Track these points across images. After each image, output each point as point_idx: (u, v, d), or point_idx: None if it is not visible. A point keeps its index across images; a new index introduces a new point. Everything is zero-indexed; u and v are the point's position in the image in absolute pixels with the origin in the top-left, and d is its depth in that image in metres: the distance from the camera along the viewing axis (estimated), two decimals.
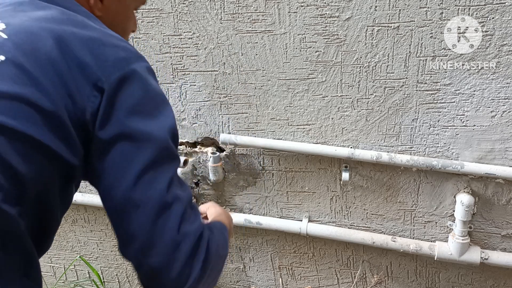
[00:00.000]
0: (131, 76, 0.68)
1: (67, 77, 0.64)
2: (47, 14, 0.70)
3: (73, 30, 0.68)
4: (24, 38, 0.65)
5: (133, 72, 0.68)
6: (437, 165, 1.43)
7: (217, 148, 1.64)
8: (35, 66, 0.64)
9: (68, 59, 0.65)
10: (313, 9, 1.40)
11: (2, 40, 0.65)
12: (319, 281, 1.77)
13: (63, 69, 0.64)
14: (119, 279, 1.98)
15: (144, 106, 0.68)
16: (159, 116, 0.70)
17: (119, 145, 0.65)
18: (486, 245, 1.53)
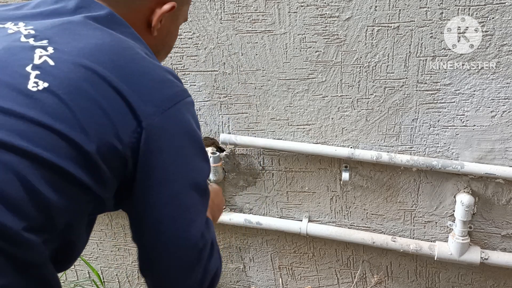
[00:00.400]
0: (174, 117, 0.68)
1: (109, 114, 0.63)
2: (97, 42, 0.67)
3: (122, 64, 0.67)
4: (70, 69, 0.64)
5: (178, 112, 0.69)
6: (437, 165, 1.43)
7: (217, 148, 1.64)
8: (77, 99, 0.62)
9: (112, 95, 0.64)
10: (313, 9, 1.40)
11: (49, 67, 0.63)
12: (319, 281, 1.77)
13: (105, 106, 0.63)
14: (119, 279, 1.98)
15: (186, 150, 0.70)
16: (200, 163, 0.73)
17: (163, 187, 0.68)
18: (486, 245, 1.53)
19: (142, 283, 1.98)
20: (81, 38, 0.67)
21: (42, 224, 0.61)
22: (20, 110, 0.60)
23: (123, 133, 0.64)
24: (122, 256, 1.93)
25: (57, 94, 0.61)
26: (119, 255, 1.93)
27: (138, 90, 0.66)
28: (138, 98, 0.65)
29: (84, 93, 0.63)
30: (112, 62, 0.66)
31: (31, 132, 0.59)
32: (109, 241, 1.90)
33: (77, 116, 0.62)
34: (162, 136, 0.67)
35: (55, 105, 0.61)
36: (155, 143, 0.66)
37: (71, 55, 0.65)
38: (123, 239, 1.89)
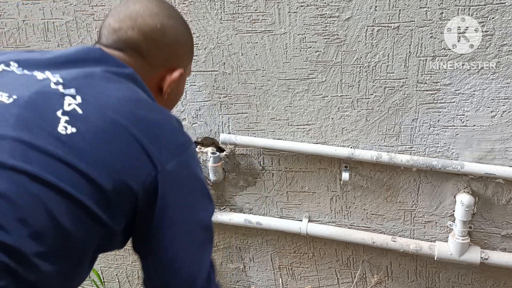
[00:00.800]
0: (184, 163, 0.76)
1: (127, 157, 0.71)
2: (119, 95, 0.75)
3: (140, 115, 0.75)
4: (96, 118, 0.71)
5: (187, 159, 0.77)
6: (437, 165, 1.43)
7: (217, 148, 1.64)
8: (99, 144, 0.70)
9: (131, 142, 0.72)
10: (313, 9, 1.40)
11: (77, 115, 0.71)
12: (319, 281, 1.77)
13: (124, 151, 0.71)
14: (119, 279, 1.98)
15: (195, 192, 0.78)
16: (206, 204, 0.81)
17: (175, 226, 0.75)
18: (486, 245, 1.53)
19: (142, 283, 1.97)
20: (104, 90, 0.75)
21: (57, 253, 0.67)
22: (50, 149, 0.68)
23: (139, 175, 0.72)
24: (122, 256, 1.93)
25: (83, 139, 0.70)
26: (119, 255, 1.92)
27: (154, 139, 0.74)
28: (154, 146, 0.73)
29: (106, 139, 0.71)
30: (132, 114, 0.74)
31: (58, 169, 0.67)
32: None
33: (99, 158, 0.70)
34: (174, 180, 0.75)
35: (80, 148, 0.69)
36: (168, 187, 0.74)
37: (97, 106, 0.73)
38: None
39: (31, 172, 0.65)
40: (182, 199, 0.76)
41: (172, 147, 0.75)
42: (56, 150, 0.68)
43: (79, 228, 0.69)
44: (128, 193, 0.72)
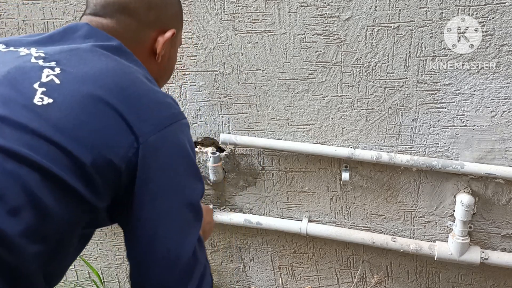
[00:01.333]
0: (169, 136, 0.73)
1: (107, 129, 0.68)
2: (102, 67, 0.73)
3: (122, 86, 0.72)
4: (74, 89, 0.69)
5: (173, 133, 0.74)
6: (437, 165, 1.43)
7: (217, 148, 1.64)
8: (77, 115, 0.67)
9: (111, 113, 0.69)
10: (313, 9, 1.40)
11: (55, 85, 0.69)
12: (319, 281, 1.77)
13: (103, 122, 0.68)
14: (119, 279, 1.98)
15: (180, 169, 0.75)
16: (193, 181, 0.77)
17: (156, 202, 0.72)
18: (486, 245, 1.53)
19: None
20: (87, 62, 0.73)
21: (38, 231, 0.63)
22: (25, 122, 0.65)
23: (119, 148, 0.69)
24: (122, 256, 1.93)
25: (60, 109, 0.67)
26: (119, 255, 1.92)
27: (136, 110, 0.71)
28: (136, 117, 0.70)
29: (84, 110, 0.68)
30: (114, 85, 0.71)
31: (32, 142, 0.64)
32: (109, 241, 1.90)
33: (76, 129, 0.67)
34: (157, 153, 0.71)
35: (57, 119, 0.66)
36: (150, 160, 0.71)
37: (76, 76, 0.71)
38: (123, 239, 1.89)
39: (5, 146, 0.62)
40: (166, 173, 0.73)
41: (156, 119, 0.72)
42: (31, 123, 0.65)
43: (59, 205, 0.65)
44: (110, 167, 0.68)
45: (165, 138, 0.72)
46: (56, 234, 0.67)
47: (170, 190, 0.73)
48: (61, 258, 0.72)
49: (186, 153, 0.76)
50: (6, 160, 0.62)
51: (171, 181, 0.73)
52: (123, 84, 0.72)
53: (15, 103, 0.66)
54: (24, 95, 0.67)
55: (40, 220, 0.63)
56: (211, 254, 1.83)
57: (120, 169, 0.69)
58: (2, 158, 0.62)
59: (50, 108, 0.66)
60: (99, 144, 0.67)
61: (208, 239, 1.80)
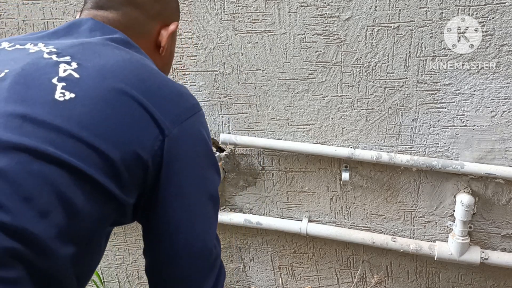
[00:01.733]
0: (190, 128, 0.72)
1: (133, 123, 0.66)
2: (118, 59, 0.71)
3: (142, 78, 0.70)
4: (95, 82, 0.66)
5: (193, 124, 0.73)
6: (437, 165, 1.43)
7: (217, 148, 1.64)
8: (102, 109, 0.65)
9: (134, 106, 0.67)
10: (313, 9, 1.40)
11: (75, 79, 0.66)
12: (319, 281, 1.77)
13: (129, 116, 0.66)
14: (119, 279, 1.98)
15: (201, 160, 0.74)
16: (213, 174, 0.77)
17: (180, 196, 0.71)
18: (486, 245, 1.53)
19: (142, 283, 1.98)
20: (101, 55, 0.71)
21: (70, 232, 0.61)
22: (47, 119, 0.62)
23: (146, 141, 0.67)
24: (122, 256, 1.93)
25: (83, 104, 0.64)
26: (119, 255, 1.92)
27: (158, 102, 0.69)
28: (159, 109, 0.68)
29: (108, 104, 0.65)
30: (133, 77, 0.69)
31: (57, 140, 0.61)
32: (109, 241, 1.90)
33: (102, 125, 0.64)
34: (180, 146, 0.70)
35: (82, 115, 0.63)
36: (175, 152, 0.69)
37: (95, 70, 0.68)
38: (123, 239, 1.89)
39: (30, 146, 0.59)
40: (189, 166, 0.72)
41: (178, 110, 0.71)
42: (54, 120, 0.62)
43: (89, 203, 0.63)
44: (138, 162, 0.66)
45: (186, 131, 0.71)
46: (86, 234, 0.65)
47: (194, 183, 0.72)
48: (91, 258, 0.69)
49: (206, 145, 0.75)
50: (33, 160, 0.59)
51: (195, 174, 0.72)
52: (143, 76, 0.70)
53: (35, 100, 0.63)
54: (44, 91, 0.64)
55: (71, 221, 0.61)
56: None
57: (147, 163, 0.67)
58: (29, 158, 0.59)
59: (73, 104, 0.63)
60: (126, 139, 0.65)
61: None
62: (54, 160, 0.60)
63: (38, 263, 0.57)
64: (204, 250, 0.74)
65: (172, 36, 0.88)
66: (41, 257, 0.58)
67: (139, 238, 1.87)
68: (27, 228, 0.56)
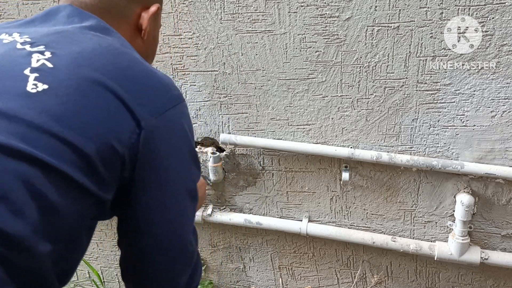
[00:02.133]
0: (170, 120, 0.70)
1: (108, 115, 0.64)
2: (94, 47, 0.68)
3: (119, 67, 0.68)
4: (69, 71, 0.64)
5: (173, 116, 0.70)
6: (437, 165, 1.43)
7: (217, 148, 1.64)
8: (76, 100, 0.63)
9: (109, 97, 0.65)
10: (313, 9, 1.40)
11: (48, 70, 0.64)
12: (319, 281, 1.77)
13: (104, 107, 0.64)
14: (119, 279, 1.98)
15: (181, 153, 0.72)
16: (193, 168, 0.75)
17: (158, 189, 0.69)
18: (486, 245, 1.53)
19: None
20: (77, 43, 0.68)
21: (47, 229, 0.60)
22: (19, 113, 0.60)
23: (122, 134, 0.64)
24: None
25: (57, 95, 0.62)
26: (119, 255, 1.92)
27: (136, 93, 0.67)
28: (136, 101, 0.66)
29: (83, 95, 0.63)
30: (110, 66, 0.67)
31: (29, 135, 0.59)
32: (109, 241, 1.90)
33: (76, 117, 0.62)
34: (158, 138, 0.68)
35: (55, 107, 0.61)
36: (152, 144, 0.67)
37: (69, 59, 0.65)
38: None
39: (2, 143, 0.57)
40: (167, 160, 0.69)
41: (157, 101, 0.68)
42: (26, 114, 0.59)
43: (66, 200, 0.61)
44: (114, 155, 0.64)
45: (165, 123, 0.69)
46: (65, 230, 0.63)
47: (171, 177, 0.70)
48: (72, 255, 0.68)
49: (186, 138, 0.73)
50: (5, 157, 0.57)
51: (172, 167, 0.70)
52: (121, 65, 0.68)
53: (6, 92, 0.61)
54: (16, 83, 0.62)
55: (48, 218, 0.60)
56: (211, 254, 1.83)
57: (123, 157, 0.65)
58: (1, 156, 0.57)
59: (46, 95, 0.61)
60: (101, 132, 0.63)
61: (208, 239, 1.80)
62: (27, 157, 0.58)
63: (16, 262, 0.57)
64: (178, 245, 0.72)
65: (154, 19, 0.85)
66: (19, 255, 0.57)
67: None
68: (2, 227, 0.55)
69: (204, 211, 1.69)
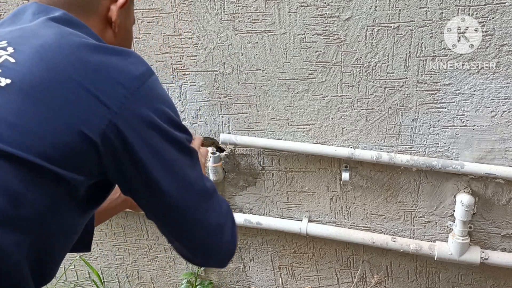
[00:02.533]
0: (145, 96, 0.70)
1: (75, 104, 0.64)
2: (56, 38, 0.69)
3: (81, 56, 0.68)
4: (32, 64, 0.65)
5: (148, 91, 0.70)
6: (437, 165, 1.43)
7: (217, 148, 1.64)
8: (41, 93, 0.63)
9: (75, 86, 0.65)
10: (313, 9, 1.40)
11: (10, 65, 0.65)
12: (319, 281, 1.77)
13: (70, 97, 0.64)
14: (119, 279, 1.98)
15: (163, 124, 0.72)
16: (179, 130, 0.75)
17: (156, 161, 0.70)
18: (486, 245, 1.53)
19: (142, 283, 1.98)
20: (39, 36, 0.69)
21: (13, 218, 0.60)
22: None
23: (91, 120, 0.65)
24: (122, 256, 1.93)
25: (20, 89, 0.63)
26: (119, 255, 1.92)
27: (101, 80, 0.67)
28: (102, 88, 0.66)
29: (48, 87, 0.64)
30: (73, 57, 0.67)
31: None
32: (109, 241, 1.90)
33: (43, 109, 0.63)
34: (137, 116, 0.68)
35: (19, 101, 0.62)
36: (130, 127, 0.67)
37: (32, 52, 0.66)
38: (123, 239, 1.89)
39: None
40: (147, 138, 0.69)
41: (124, 84, 0.68)
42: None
43: (33, 187, 0.62)
44: (85, 142, 0.65)
45: (141, 99, 0.69)
46: (35, 220, 0.63)
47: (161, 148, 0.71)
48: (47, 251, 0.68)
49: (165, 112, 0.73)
50: None
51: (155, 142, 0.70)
52: (82, 55, 0.68)
53: None
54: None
55: (13, 207, 0.60)
56: None
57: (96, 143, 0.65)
58: None
59: (10, 90, 0.62)
60: (68, 121, 0.64)
61: None
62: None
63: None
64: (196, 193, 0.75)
65: (124, 11, 0.85)
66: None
67: (139, 238, 1.87)
68: None
69: None
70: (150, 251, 1.89)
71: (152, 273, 1.94)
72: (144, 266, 1.93)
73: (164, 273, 1.93)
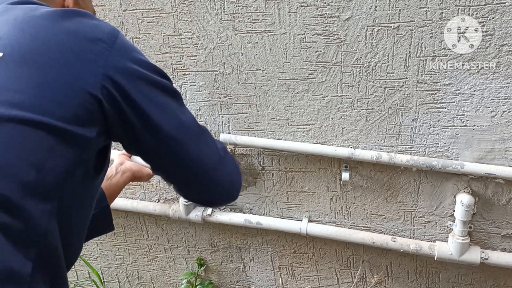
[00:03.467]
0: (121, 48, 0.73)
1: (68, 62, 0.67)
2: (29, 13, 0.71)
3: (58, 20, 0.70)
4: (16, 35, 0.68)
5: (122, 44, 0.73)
6: (437, 165, 1.43)
7: None
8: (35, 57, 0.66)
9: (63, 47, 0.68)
10: (313, 9, 1.40)
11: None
12: (319, 281, 1.77)
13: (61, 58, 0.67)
14: (119, 279, 1.98)
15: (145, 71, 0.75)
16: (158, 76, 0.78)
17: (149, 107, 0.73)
18: (486, 245, 1.53)
19: (142, 283, 1.98)
20: (10, 14, 0.72)
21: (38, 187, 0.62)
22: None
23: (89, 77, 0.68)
24: (122, 256, 1.93)
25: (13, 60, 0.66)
26: (119, 255, 1.92)
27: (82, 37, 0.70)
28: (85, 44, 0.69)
29: (38, 53, 0.67)
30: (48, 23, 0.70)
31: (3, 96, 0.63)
32: (109, 241, 1.90)
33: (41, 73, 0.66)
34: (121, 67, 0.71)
35: (17, 70, 0.65)
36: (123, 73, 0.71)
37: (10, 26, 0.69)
38: (123, 239, 1.89)
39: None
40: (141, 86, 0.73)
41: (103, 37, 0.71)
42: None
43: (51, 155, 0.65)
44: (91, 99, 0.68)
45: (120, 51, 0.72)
46: (55, 188, 0.65)
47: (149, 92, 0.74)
48: (68, 223, 0.70)
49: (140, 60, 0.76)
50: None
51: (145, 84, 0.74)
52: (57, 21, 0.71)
53: None
54: None
55: (36, 175, 0.62)
56: (211, 254, 1.83)
57: (100, 100, 0.69)
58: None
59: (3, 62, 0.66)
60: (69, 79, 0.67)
61: (208, 239, 1.80)
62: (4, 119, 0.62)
63: (13, 225, 0.59)
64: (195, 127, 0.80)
65: (82, 1, 0.87)
66: (13, 217, 0.59)
67: (139, 238, 1.87)
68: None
69: (204, 211, 1.69)
70: (150, 251, 1.89)
71: (152, 273, 1.94)
72: (144, 266, 1.93)
73: (164, 273, 1.93)
